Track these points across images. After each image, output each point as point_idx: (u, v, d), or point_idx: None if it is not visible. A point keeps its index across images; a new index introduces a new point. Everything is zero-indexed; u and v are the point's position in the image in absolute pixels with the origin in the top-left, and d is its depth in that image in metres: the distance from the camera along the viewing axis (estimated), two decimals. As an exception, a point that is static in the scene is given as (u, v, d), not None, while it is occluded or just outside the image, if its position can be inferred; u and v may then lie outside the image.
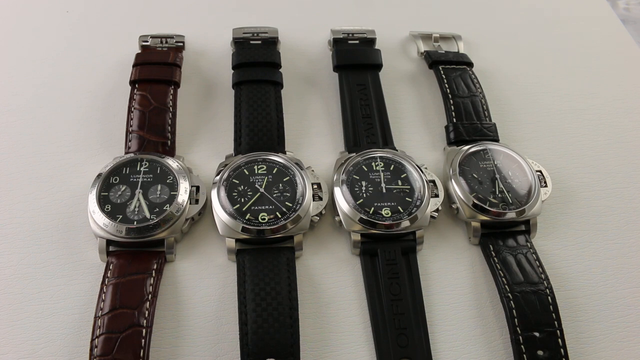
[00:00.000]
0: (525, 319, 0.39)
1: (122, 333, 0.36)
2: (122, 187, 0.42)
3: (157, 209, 0.41)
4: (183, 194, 0.42)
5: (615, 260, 0.45)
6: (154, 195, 0.42)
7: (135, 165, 0.44)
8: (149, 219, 0.41)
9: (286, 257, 0.41)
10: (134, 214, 0.41)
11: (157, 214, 0.41)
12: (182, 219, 0.42)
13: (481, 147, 0.47)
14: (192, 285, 0.41)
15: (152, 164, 0.44)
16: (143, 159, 0.44)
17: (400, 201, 0.44)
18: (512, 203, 0.44)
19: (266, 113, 0.48)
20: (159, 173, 0.43)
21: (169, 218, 0.41)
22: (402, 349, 0.38)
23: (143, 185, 0.43)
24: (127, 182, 0.43)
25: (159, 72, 0.50)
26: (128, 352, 0.35)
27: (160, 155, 0.45)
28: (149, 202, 0.42)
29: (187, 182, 0.43)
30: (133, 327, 0.36)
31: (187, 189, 0.43)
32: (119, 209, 0.41)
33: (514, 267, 0.42)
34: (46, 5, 0.61)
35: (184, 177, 0.43)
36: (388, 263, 0.42)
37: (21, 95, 0.52)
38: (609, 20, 0.65)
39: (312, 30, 0.59)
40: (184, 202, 0.42)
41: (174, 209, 0.41)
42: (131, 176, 0.43)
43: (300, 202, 0.43)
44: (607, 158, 0.52)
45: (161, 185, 0.43)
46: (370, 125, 0.50)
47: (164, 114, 0.48)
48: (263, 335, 0.37)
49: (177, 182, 0.43)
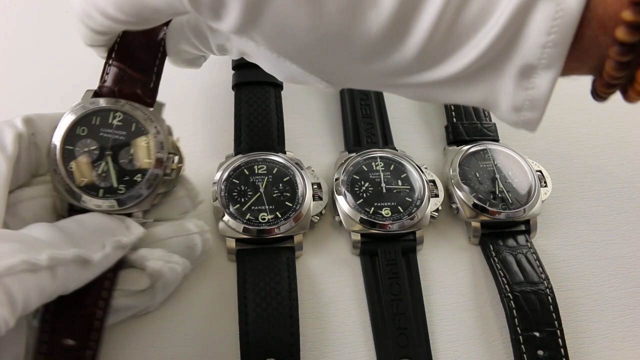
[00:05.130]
0: (526, 318, 0.39)
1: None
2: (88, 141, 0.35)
3: (127, 177, 0.35)
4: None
5: (615, 260, 0.45)
6: (125, 160, 0.35)
7: (107, 117, 0.36)
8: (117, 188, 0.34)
9: (286, 257, 0.41)
10: (101, 178, 0.35)
11: (127, 184, 0.35)
12: (153, 193, 0.35)
13: (481, 147, 0.47)
14: (192, 285, 0.41)
15: (126, 118, 0.36)
16: (117, 111, 0.36)
17: (400, 201, 0.44)
18: (512, 203, 0.44)
19: (266, 113, 0.48)
20: (134, 131, 0.36)
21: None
22: (402, 349, 0.38)
23: (114, 146, 0.35)
24: (96, 136, 0.35)
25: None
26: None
27: (138, 106, 0.37)
28: (119, 168, 0.35)
29: (165, 150, 0.36)
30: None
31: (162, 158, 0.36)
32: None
33: (514, 267, 0.42)
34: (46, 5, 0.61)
35: (160, 142, 0.36)
36: (388, 263, 0.42)
37: (20, 96, 0.52)
38: (608, 20, 0.65)
39: (312, 30, 0.59)
40: (158, 176, 0.35)
41: (146, 183, 0.35)
42: (101, 130, 0.36)
43: (300, 202, 0.43)
44: (607, 158, 0.52)
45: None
46: (371, 125, 0.50)
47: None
48: (263, 335, 0.37)
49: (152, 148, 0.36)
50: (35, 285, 0.27)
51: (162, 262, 0.34)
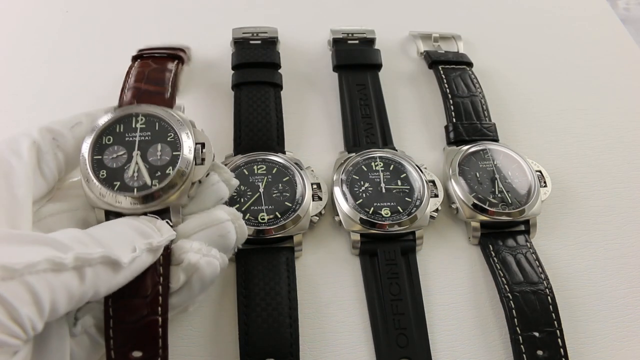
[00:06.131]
0: (525, 318, 0.39)
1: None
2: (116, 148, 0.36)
3: (159, 172, 0.35)
4: (187, 154, 0.36)
5: (615, 260, 0.45)
6: (154, 157, 0.36)
7: (130, 122, 0.37)
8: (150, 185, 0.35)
9: (286, 257, 0.41)
10: (133, 180, 0.35)
11: (160, 178, 0.35)
12: (187, 183, 0.35)
13: (481, 147, 0.47)
14: (192, 285, 0.41)
15: (148, 119, 0.37)
16: (138, 114, 0.37)
17: (400, 201, 0.44)
18: (511, 203, 0.44)
19: (265, 113, 0.48)
20: (158, 130, 0.37)
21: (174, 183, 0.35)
22: (401, 349, 0.38)
23: (141, 146, 0.36)
24: (122, 142, 0.36)
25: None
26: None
27: (158, 107, 0.38)
28: (149, 165, 0.36)
29: (191, 140, 0.37)
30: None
31: (191, 147, 0.36)
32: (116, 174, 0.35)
33: (513, 267, 0.42)
34: (45, 5, 0.61)
35: (186, 133, 0.37)
36: (388, 263, 0.42)
37: (20, 96, 0.52)
38: (609, 20, 0.65)
39: (312, 30, 0.59)
40: (189, 164, 0.35)
41: (178, 172, 0.35)
42: (126, 135, 0.37)
43: (299, 202, 0.43)
44: (607, 158, 0.52)
45: (161, 145, 0.36)
46: (370, 125, 0.50)
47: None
48: (262, 335, 0.37)
49: (180, 139, 0.36)
50: (62, 286, 0.26)
51: (199, 256, 0.33)
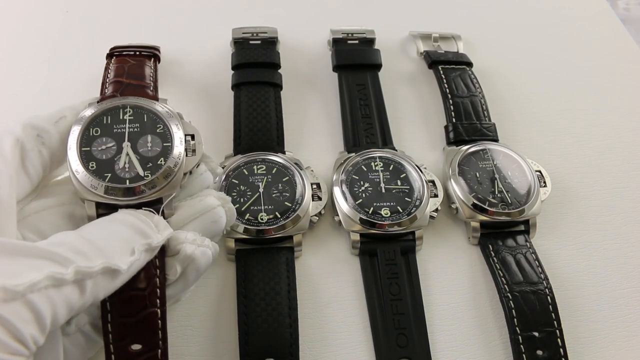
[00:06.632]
0: (525, 318, 0.39)
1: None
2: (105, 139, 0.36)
3: (151, 163, 0.35)
4: (179, 145, 0.36)
5: (615, 260, 0.45)
6: (145, 148, 0.36)
7: (117, 114, 0.37)
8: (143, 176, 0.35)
9: (285, 257, 0.41)
10: (125, 171, 0.35)
11: (152, 169, 0.35)
12: (180, 173, 0.35)
13: (480, 147, 0.47)
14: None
15: (136, 111, 0.37)
16: (126, 106, 0.37)
17: (400, 201, 0.44)
18: (511, 203, 0.44)
19: (265, 114, 0.48)
20: (147, 121, 0.37)
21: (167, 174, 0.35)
22: (401, 349, 0.38)
23: (130, 137, 0.36)
24: (110, 134, 0.36)
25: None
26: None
27: (144, 99, 0.38)
28: (140, 157, 0.35)
29: (181, 131, 0.37)
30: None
31: (182, 139, 0.36)
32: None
33: (513, 267, 0.42)
34: (45, 5, 0.61)
35: (176, 125, 0.37)
36: (387, 263, 0.42)
37: (20, 96, 0.52)
38: (608, 20, 0.65)
39: (312, 30, 0.59)
40: (181, 155, 0.36)
41: (171, 163, 0.35)
42: (115, 126, 0.36)
43: (299, 202, 0.43)
44: (607, 158, 0.52)
45: (151, 136, 0.36)
46: (370, 125, 0.50)
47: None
48: (262, 335, 0.37)
49: (170, 131, 0.37)
50: (63, 300, 0.26)
51: (194, 246, 0.33)
